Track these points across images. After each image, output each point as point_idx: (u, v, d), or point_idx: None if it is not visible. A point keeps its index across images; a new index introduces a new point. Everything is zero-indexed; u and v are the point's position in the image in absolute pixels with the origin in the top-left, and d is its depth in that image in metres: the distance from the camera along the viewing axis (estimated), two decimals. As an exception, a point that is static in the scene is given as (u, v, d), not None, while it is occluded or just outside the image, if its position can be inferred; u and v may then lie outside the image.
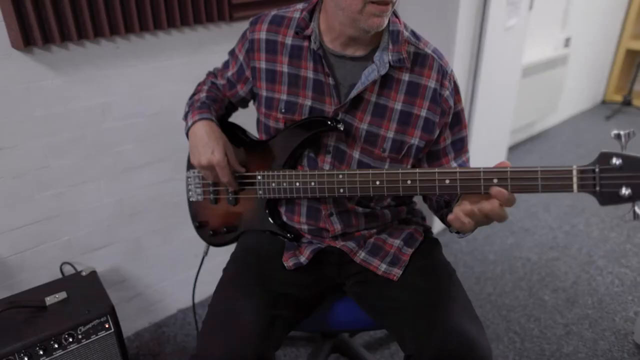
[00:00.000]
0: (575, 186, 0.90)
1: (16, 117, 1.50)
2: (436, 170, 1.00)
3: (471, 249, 2.55)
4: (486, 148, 2.85)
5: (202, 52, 1.81)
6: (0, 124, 1.48)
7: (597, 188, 0.88)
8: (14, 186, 1.55)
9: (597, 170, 0.87)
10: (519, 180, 0.93)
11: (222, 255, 1.44)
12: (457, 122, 1.22)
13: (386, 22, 1.07)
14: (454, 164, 1.24)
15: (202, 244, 1.47)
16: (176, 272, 2.07)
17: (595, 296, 2.21)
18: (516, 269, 2.42)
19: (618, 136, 0.88)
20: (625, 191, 0.86)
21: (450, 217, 1.00)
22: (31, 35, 1.42)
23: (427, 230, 1.37)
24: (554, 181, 0.91)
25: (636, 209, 0.88)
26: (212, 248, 1.46)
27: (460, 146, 1.25)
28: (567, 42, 3.70)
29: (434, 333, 1.04)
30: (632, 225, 2.70)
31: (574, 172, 0.89)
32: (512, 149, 3.68)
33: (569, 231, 2.69)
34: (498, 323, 2.06)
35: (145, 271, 1.99)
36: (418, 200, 1.44)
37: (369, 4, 1.01)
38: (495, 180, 0.94)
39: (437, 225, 2.54)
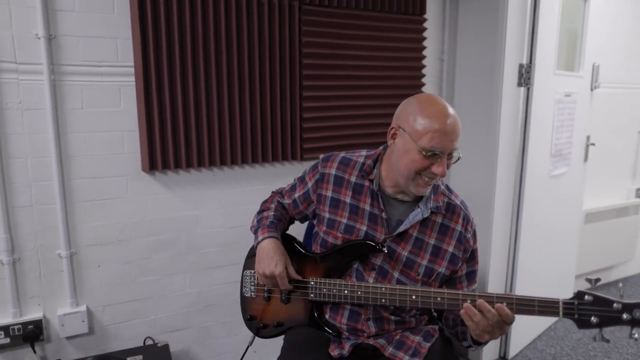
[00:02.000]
0: (560, 313, 1.22)
1: (134, 219, 2.08)
2: (460, 292, 1.33)
3: (519, 385, 2.59)
4: (548, 290, 2.97)
5: (276, 182, 2.32)
6: (122, 223, 2.06)
7: (576, 316, 1.21)
8: (123, 270, 2.09)
9: (576, 303, 1.20)
10: (521, 306, 1.25)
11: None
12: (472, 258, 1.54)
13: (429, 190, 1.44)
14: (465, 290, 1.53)
15: (261, 341, 1.70)
16: (236, 363, 2.41)
17: None
18: (563, 410, 2.41)
19: (589, 280, 1.24)
20: (594, 319, 1.19)
21: (462, 311, 1.28)
22: (155, 163, 2.03)
23: (441, 329, 1.61)
24: (546, 309, 1.23)
25: (603, 334, 1.20)
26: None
27: (472, 277, 1.55)
28: (638, 192, 3.80)
29: None
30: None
31: (560, 304, 1.21)
32: (585, 295, 3.65)
33: (628, 381, 2.63)
34: None
35: (211, 358, 2.36)
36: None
37: (419, 176, 1.37)
38: (505, 304, 1.24)
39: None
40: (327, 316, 1.56)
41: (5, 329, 1.86)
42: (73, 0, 1.85)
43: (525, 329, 2.89)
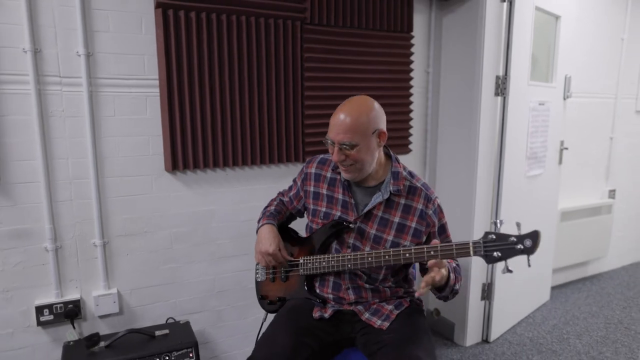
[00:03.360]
0: (471, 252, 1.49)
1: (158, 213, 2.36)
2: (401, 249, 1.62)
3: (499, 364, 2.88)
4: (527, 284, 3.26)
5: (281, 181, 2.62)
6: (148, 217, 2.34)
7: (482, 252, 1.48)
8: (148, 258, 2.37)
9: (481, 242, 1.48)
10: (444, 252, 1.54)
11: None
12: (443, 231, 1.82)
13: (355, 176, 1.74)
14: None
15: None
16: (246, 344, 2.69)
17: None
18: (538, 385, 2.69)
19: (494, 223, 1.51)
20: (497, 254, 1.46)
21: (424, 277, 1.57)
22: (177, 164, 2.32)
23: (414, 302, 1.90)
24: (461, 250, 1.51)
25: (508, 266, 1.47)
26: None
27: None
28: (611, 193, 4.12)
29: None
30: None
31: (470, 245, 1.49)
32: (563, 286, 3.97)
33: (596, 357, 2.91)
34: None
35: (224, 339, 2.63)
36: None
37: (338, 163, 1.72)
38: (432, 252, 1.55)
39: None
40: (317, 291, 1.88)
41: (50, 307, 2.14)
42: (108, 22, 2.15)
43: (506, 316, 3.19)
